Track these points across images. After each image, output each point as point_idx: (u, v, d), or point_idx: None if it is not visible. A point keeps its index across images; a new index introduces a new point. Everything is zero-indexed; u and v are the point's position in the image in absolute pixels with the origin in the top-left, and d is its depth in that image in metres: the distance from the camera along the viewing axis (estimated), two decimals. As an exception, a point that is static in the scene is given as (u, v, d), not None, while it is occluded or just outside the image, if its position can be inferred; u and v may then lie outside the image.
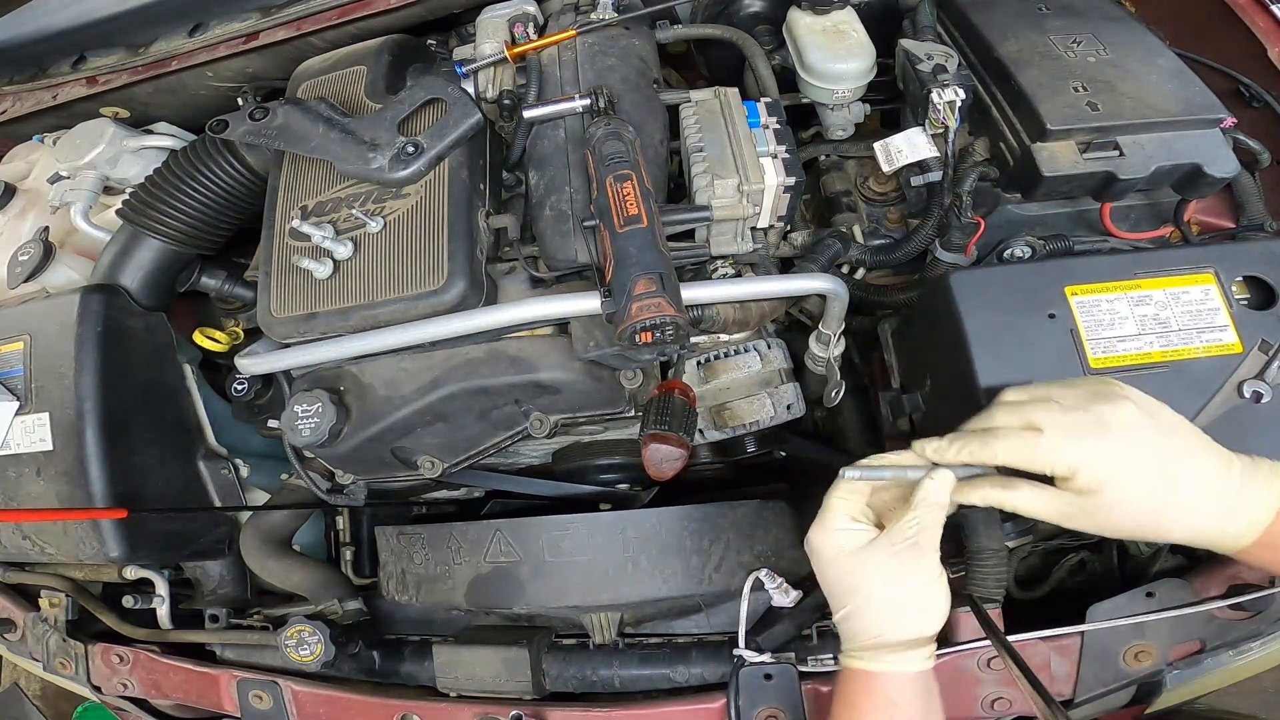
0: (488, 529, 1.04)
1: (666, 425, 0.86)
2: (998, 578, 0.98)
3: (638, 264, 0.81)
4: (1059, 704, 0.72)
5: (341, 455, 1.01)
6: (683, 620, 1.12)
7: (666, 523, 1.00)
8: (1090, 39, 1.07)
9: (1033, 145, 0.99)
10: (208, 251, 1.24)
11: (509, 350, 0.95)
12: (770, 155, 0.97)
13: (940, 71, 1.02)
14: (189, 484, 1.22)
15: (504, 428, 1.03)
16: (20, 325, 1.17)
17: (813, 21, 1.13)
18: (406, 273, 0.93)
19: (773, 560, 1.04)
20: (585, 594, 1.00)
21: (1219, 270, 0.89)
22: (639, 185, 0.85)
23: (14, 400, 1.13)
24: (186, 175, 1.15)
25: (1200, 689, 0.95)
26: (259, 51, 1.24)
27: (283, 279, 0.98)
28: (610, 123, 0.92)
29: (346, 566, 1.37)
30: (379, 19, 1.19)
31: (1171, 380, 0.85)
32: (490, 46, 1.12)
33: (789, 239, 1.10)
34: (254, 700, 1.12)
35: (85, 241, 1.26)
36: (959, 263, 1.04)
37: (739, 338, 1.07)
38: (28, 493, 1.13)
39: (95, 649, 1.22)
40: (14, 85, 1.43)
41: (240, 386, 1.13)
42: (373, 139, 0.97)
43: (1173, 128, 0.98)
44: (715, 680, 1.02)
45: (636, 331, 0.80)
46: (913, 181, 1.06)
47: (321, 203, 1.01)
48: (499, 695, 1.03)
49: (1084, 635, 0.89)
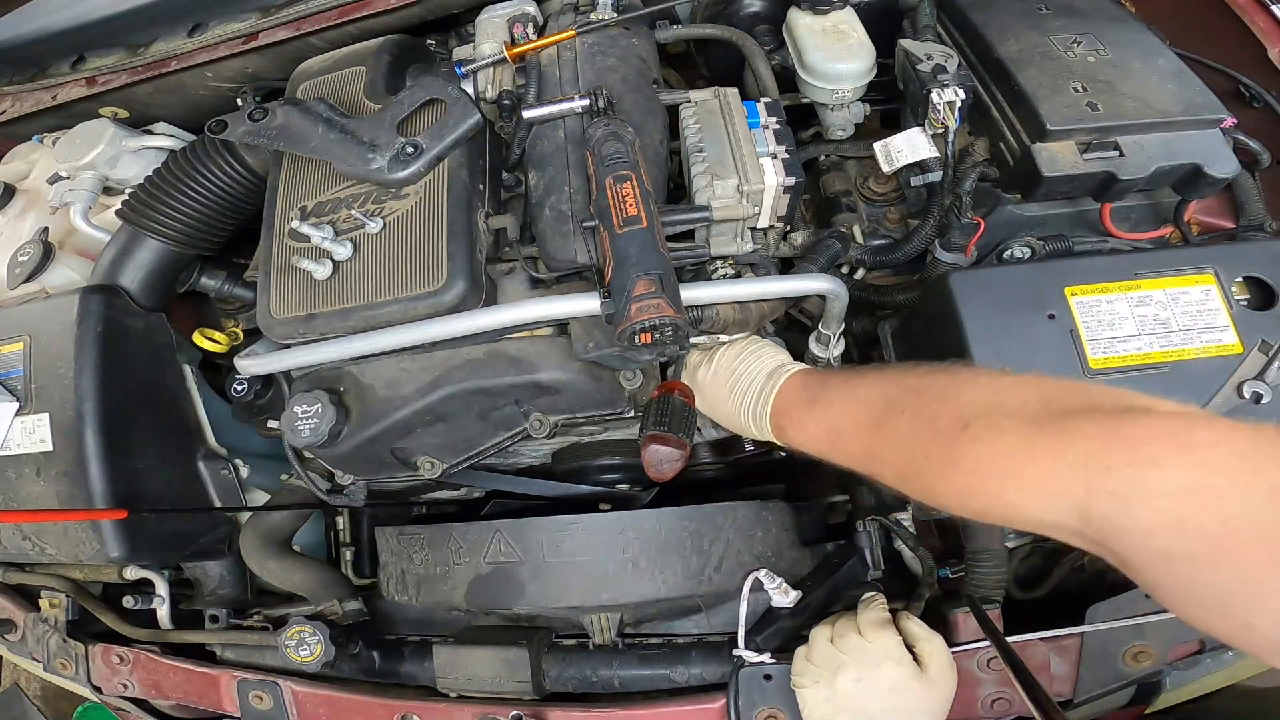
0: (488, 529, 1.04)
1: (666, 426, 0.86)
2: (998, 578, 0.98)
3: (637, 265, 0.81)
4: (1056, 705, 0.72)
5: (341, 456, 1.01)
6: (683, 620, 1.12)
7: (666, 523, 1.00)
8: (1090, 39, 1.07)
9: (1033, 145, 0.99)
10: (207, 252, 1.24)
11: (509, 351, 0.95)
12: (770, 155, 0.97)
13: (940, 71, 1.02)
14: (189, 484, 1.22)
15: (504, 428, 1.03)
16: (20, 325, 1.17)
17: (813, 21, 1.13)
18: (406, 273, 0.93)
19: (772, 560, 1.04)
20: (585, 594, 1.00)
21: (1219, 270, 0.89)
22: (638, 186, 0.85)
23: (14, 401, 1.13)
24: (186, 176, 1.15)
25: (1200, 689, 0.95)
26: (259, 52, 1.24)
27: (282, 280, 0.98)
28: (610, 123, 0.92)
29: (346, 567, 1.37)
30: (379, 19, 1.19)
31: (1171, 381, 0.85)
32: (490, 47, 1.12)
33: (789, 239, 1.10)
34: (254, 700, 1.12)
35: (85, 242, 1.26)
36: (959, 263, 1.04)
37: (738, 338, 1.07)
38: (28, 493, 1.13)
39: (95, 649, 1.22)
40: (14, 85, 1.43)
41: (240, 387, 1.13)
42: (372, 139, 0.97)
43: (1173, 128, 0.98)
44: (715, 680, 1.02)
45: (636, 332, 0.80)
46: (913, 182, 1.06)
47: (321, 203, 1.00)
48: (499, 695, 1.03)
49: (1084, 635, 0.89)
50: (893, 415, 0.74)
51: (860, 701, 0.84)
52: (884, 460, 0.76)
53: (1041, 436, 0.61)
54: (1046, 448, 0.60)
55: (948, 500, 0.69)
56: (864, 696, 0.84)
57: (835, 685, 0.85)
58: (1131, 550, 0.55)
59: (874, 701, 0.83)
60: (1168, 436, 0.55)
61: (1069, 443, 0.59)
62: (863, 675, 0.84)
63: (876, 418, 0.76)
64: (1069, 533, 0.60)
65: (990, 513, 0.66)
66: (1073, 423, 0.60)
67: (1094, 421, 0.59)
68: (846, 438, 0.80)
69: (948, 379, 0.73)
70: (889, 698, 0.83)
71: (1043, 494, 0.60)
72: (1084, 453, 0.57)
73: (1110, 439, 0.57)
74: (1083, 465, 0.57)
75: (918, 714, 0.84)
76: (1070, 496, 0.57)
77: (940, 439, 0.68)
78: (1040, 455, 0.60)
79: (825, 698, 0.86)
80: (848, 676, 0.85)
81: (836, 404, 0.82)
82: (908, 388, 0.75)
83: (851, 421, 0.79)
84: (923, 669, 0.85)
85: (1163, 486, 0.53)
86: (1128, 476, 0.54)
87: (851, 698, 0.84)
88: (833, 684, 0.85)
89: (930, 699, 0.85)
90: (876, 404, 0.77)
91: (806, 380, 0.88)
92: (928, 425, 0.70)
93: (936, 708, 0.85)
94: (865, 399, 0.79)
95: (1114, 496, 0.55)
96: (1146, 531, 0.54)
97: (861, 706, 0.84)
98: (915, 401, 0.73)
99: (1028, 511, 0.61)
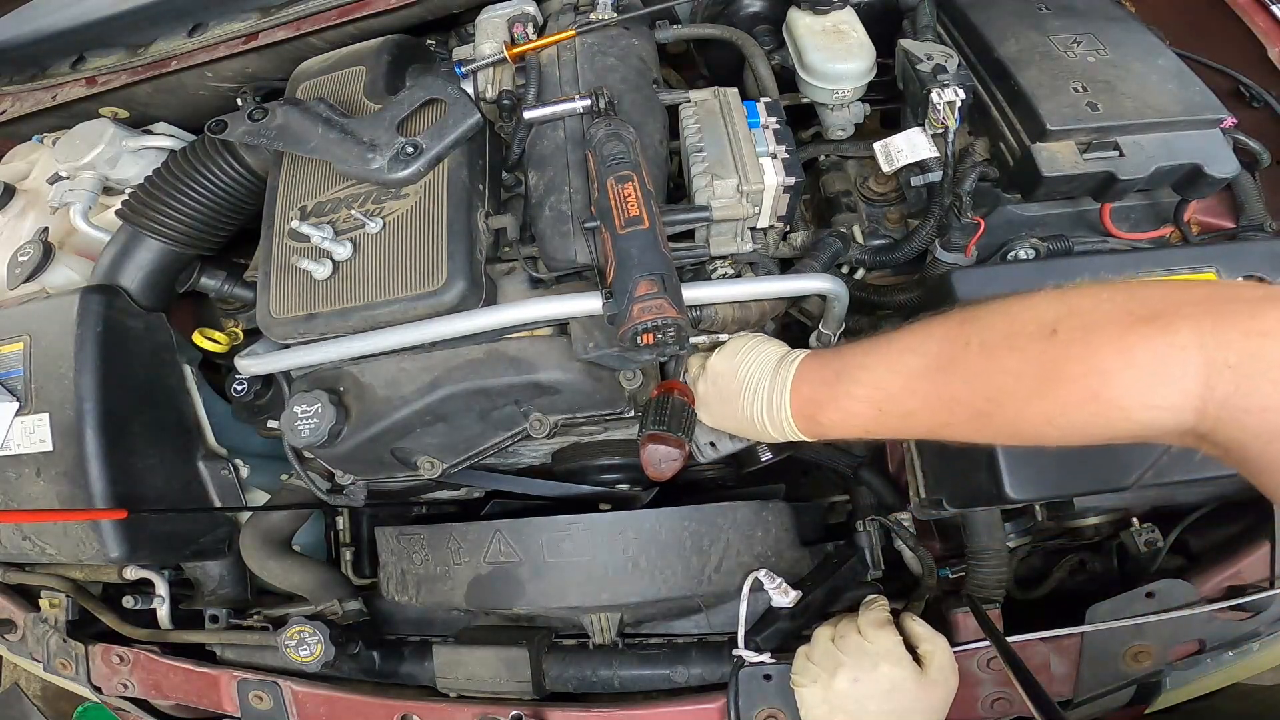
0: (488, 529, 1.04)
1: (665, 425, 0.86)
2: (998, 579, 0.98)
3: (639, 265, 0.81)
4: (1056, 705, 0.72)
5: (341, 456, 1.01)
6: (683, 620, 1.12)
7: (666, 523, 1.00)
8: (1090, 39, 1.07)
9: (1033, 145, 0.99)
10: (207, 252, 1.24)
11: (508, 351, 0.95)
12: (770, 155, 0.97)
13: (940, 71, 1.02)
14: (189, 484, 1.22)
15: (504, 428, 1.03)
16: (20, 326, 1.17)
17: (813, 21, 1.13)
18: (406, 273, 0.93)
19: (772, 560, 1.04)
20: (585, 594, 1.00)
21: (1219, 270, 0.89)
22: (640, 186, 0.85)
23: (14, 401, 1.13)
24: (186, 176, 1.15)
25: (1200, 689, 0.95)
26: (258, 52, 1.24)
27: (282, 279, 0.98)
28: (611, 123, 0.92)
29: (346, 567, 1.37)
30: (379, 19, 1.19)
31: (1171, 381, 0.85)
32: (490, 47, 1.12)
33: (789, 239, 1.10)
34: (254, 700, 1.12)
35: (85, 242, 1.26)
36: (959, 263, 1.04)
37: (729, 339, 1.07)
38: (28, 493, 1.13)
39: (95, 649, 1.22)
40: (14, 85, 1.43)
41: (240, 387, 1.13)
42: (372, 139, 0.97)
43: (1173, 128, 0.98)
44: (715, 680, 1.02)
45: (638, 333, 0.80)
46: (913, 181, 1.06)
47: (321, 203, 1.00)
48: (499, 695, 1.03)
49: (1084, 635, 0.89)
50: (955, 350, 0.68)
51: (857, 702, 0.84)
52: (955, 402, 0.68)
53: (1143, 324, 0.57)
54: (1153, 334, 0.56)
55: (1044, 424, 0.63)
56: (861, 697, 0.84)
57: (833, 685, 0.85)
58: (1252, 434, 0.52)
59: (871, 702, 0.83)
60: (1278, 309, 0.52)
61: (1176, 325, 0.55)
62: (860, 676, 0.84)
63: (934, 362, 0.69)
64: (1182, 430, 0.56)
65: (1095, 422, 0.60)
66: (1174, 305, 0.57)
67: (1197, 303, 0.55)
68: (899, 397, 0.72)
69: (1002, 303, 0.67)
70: (886, 699, 0.83)
71: (1156, 382, 0.56)
72: (1196, 329, 0.54)
73: (1221, 316, 0.54)
74: (1198, 344, 0.53)
75: (915, 715, 0.84)
76: (1186, 380, 0.54)
77: (1028, 353, 0.62)
78: (1149, 341, 0.56)
79: (823, 698, 0.85)
80: (846, 677, 0.84)
81: (874, 366, 0.75)
82: (960, 321, 0.69)
83: (901, 376, 0.72)
84: (923, 670, 0.85)
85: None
86: (1246, 350, 0.52)
87: (849, 698, 0.84)
88: (831, 684, 0.85)
89: (928, 700, 0.84)
90: (929, 348, 0.70)
91: (819, 360, 0.82)
92: (1004, 345, 0.64)
93: (934, 709, 0.85)
94: (911, 347, 0.72)
95: (1234, 371, 0.52)
96: (1267, 409, 0.51)
97: (859, 707, 0.84)
98: (978, 329, 0.67)
99: (1140, 409, 0.57)
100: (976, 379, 0.66)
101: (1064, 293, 0.65)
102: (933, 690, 0.85)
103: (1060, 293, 0.65)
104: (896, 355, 0.73)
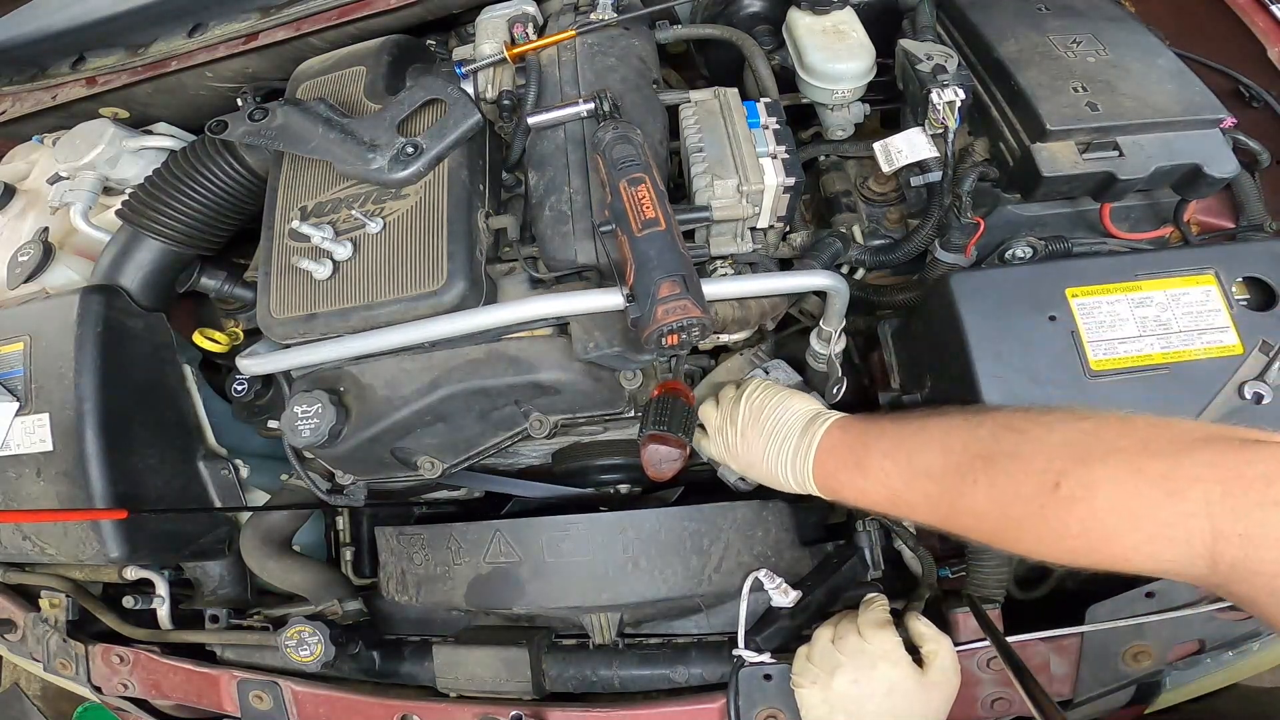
0: (488, 529, 1.04)
1: (665, 425, 0.86)
2: (998, 579, 0.98)
3: (659, 267, 0.80)
4: (1056, 705, 0.72)
5: (341, 456, 1.01)
6: (683, 620, 1.12)
7: (666, 523, 1.00)
8: (1090, 39, 1.07)
9: (1032, 145, 0.99)
10: (207, 252, 1.24)
11: (508, 351, 0.95)
12: (770, 155, 0.97)
13: (940, 71, 1.02)
14: (189, 484, 1.22)
15: (504, 428, 1.03)
16: (20, 326, 1.17)
17: (812, 22, 1.13)
18: (406, 273, 0.93)
19: (772, 560, 1.04)
20: (585, 594, 1.00)
21: (1219, 271, 0.89)
22: (653, 187, 0.85)
23: (14, 401, 1.13)
24: (186, 176, 1.15)
25: (1200, 689, 0.95)
26: (258, 52, 1.24)
27: (282, 280, 0.98)
28: (618, 126, 0.91)
29: (346, 567, 1.37)
30: (379, 19, 1.19)
31: (1172, 382, 0.85)
32: (490, 47, 1.12)
33: (788, 239, 1.10)
34: (254, 700, 1.12)
35: (85, 242, 1.26)
36: (959, 263, 1.04)
37: (738, 337, 1.07)
38: (28, 493, 1.13)
39: (95, 649, 1.22)
40: (14, 85, 1.43)
41: (240, 387, 1.13)
42: (372, 139, 0.97)
43: (1173, 128, 0.98)
44: (715, 680, 1.02)
45: (664, 334, 0.79)
46: (912, 182, 1.06)
47: (321, 203, 1.00)
48: (499, 695, 1.03)
49: (1084, 635, 0.89)
50: (965, 485, 0.70)
51: (856, 703, 0.84)
52: (966, 529, 0.72)
53: (1150, 486, 0.58)
54: (1160, 499, 0.57)
55: (1055, 559, 0.66)
56: (860, 698, 0.84)
57: (832, 686, 0.85)
58: (1266, 592, 0.54)
59: (870, 703, 0.83)
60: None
61: (1184, 491, 0.56)
62: (859, 676, 0.84)
63: (946, 491, 0.72)
64: (1192, 576, 0.57)
65: (1104, 565, 0.63)
66: (1184, 464, 0.57)
67: (1208, 464, 0.56)
68: (916, 508, 0.77)
69: (1016, 436, 0.69)
70: (885, 699, 0.83)
71: (1161, 546, 0.57)
72: (1205, 497, 0.55)
73: (1231, 479, 0.54)
74: (1206, 511, 0.54)
75: (914, 716, 0.84)
76: (1195, 544, 0.55)
77: (1031, 506, 0.65)
78: (1156, 505, 0.57)
79: (822, 698, 0.86)
80: (845, 677, 0.84)
81: (894, 474, 0.78)
82: (974, 454, 0.71)
83: (919, 495, 0.76)
84: (925, 670, 0.85)
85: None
86: (1258, 520, 0.52)
87: (847, 698, 0.84)
88: (830, 684, 0.85)
89: (927, 701, 0.84)
90: (947, 476, 0.73)
91: (849, 437, 0.84)
92: (1010, 493, 0.67)
93: (934, 710, 0.85)
94: (927, 469, 0.75)
95: (1244, 539, 0.53)
96: (1278, 574, 0.52)
97: (858, 708, 0.84)
98: (988, 470, 0.69)
99: (1148, 561, 0.59)
100: (983, 518, 0.70)
101: (1071, 428, 0.66)
102: (933, 691, 0.85)
103: (1069, 429, 0.66)
104: (913, 475, 0.76)
